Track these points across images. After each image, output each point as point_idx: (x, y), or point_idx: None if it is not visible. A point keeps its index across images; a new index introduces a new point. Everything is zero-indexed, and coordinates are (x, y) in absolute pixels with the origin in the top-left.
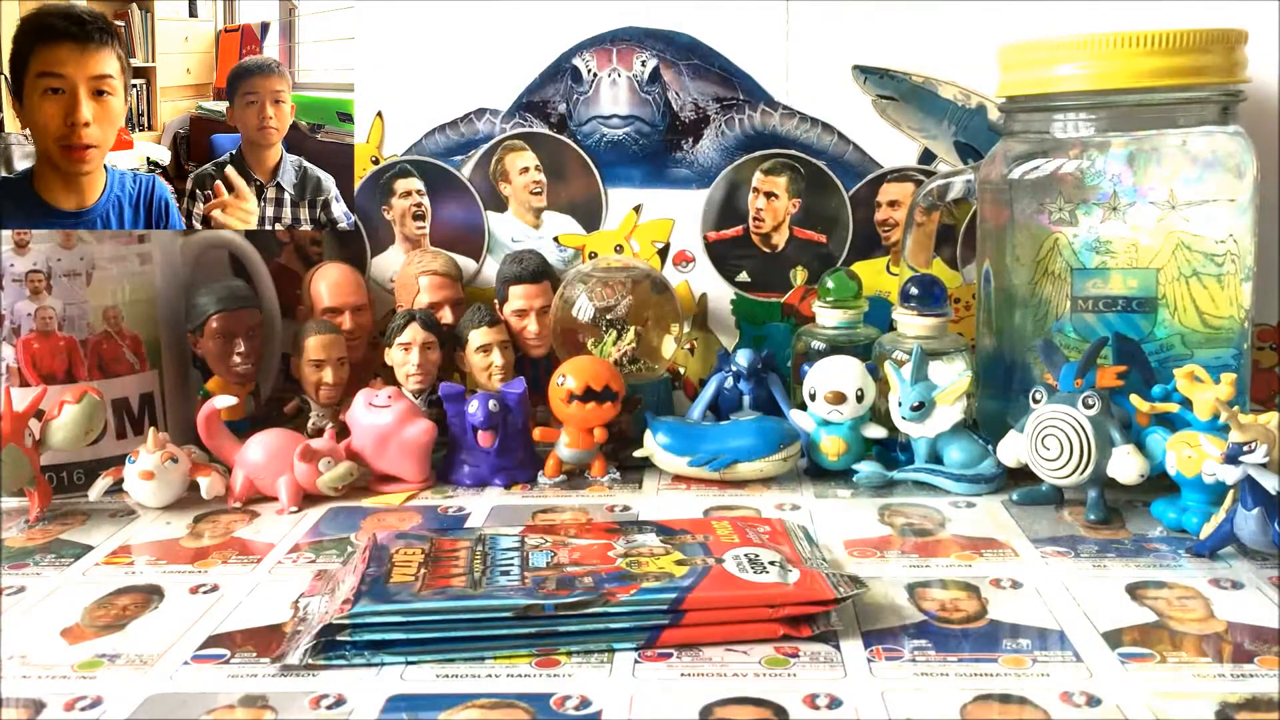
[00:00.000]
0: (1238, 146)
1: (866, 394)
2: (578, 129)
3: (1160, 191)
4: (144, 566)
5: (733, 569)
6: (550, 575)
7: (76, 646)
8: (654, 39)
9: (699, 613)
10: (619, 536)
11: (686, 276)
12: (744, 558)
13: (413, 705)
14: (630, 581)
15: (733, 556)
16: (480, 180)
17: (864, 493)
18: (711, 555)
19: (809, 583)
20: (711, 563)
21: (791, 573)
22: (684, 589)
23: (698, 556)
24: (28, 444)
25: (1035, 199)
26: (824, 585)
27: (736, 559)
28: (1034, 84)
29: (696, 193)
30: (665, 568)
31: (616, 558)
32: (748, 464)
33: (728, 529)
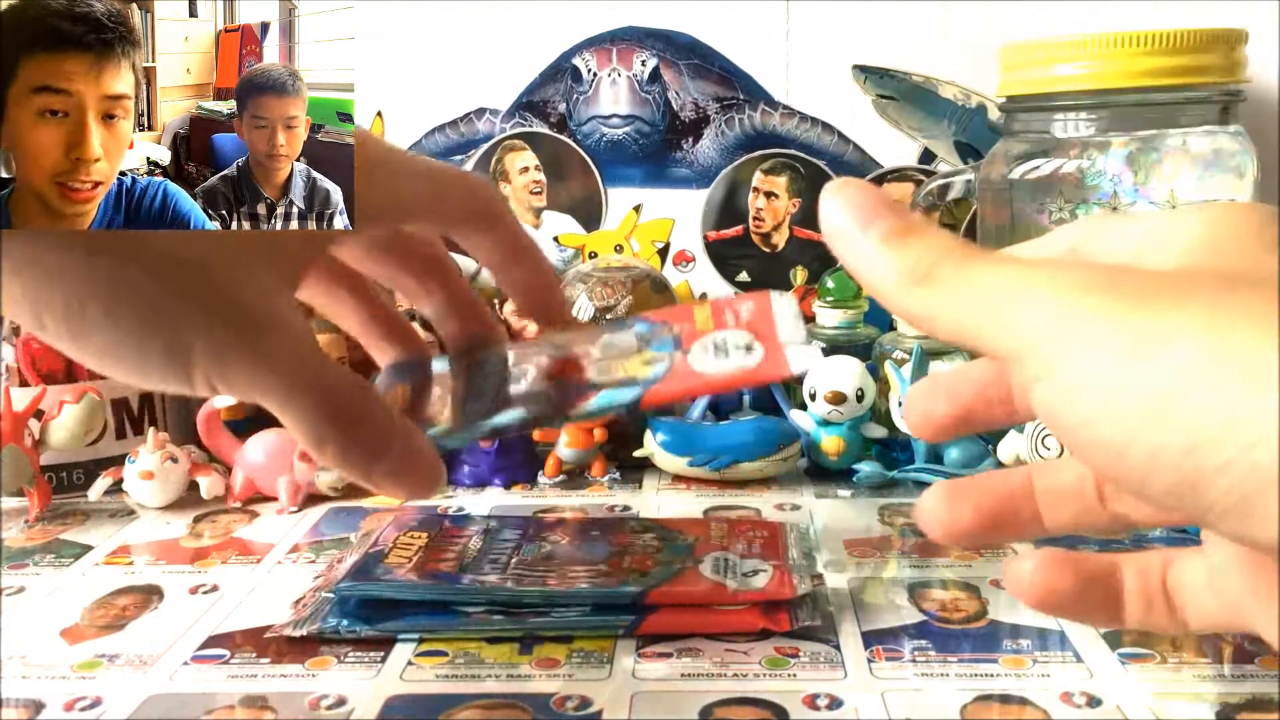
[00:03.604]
0: (1238, 146)
1: (866, 394)
2: (578, 129)
3: (1160, 191)
4: (144, 566)
5: (706, 571)
6: (537, 566)
7: (76, 646)
8: (654, 39)
9: (666, 608)
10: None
11: (686, 276)
12: (722, 560)
13: (413, 705)
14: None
15: (711, 559)
16: None
17: (864, 493)
18: (692, 557)
19: (775, 580)
20: (689, 565)
21: (761, 574)
22: (652, 585)
23: (679, 557)
24: (28, 444)
25: (1035, 199)
26: (788, 584)
27: (715, 560)
28: (1034, 84)
29: (696, 192)
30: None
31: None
32: (748, 464)
33: (723, 531)
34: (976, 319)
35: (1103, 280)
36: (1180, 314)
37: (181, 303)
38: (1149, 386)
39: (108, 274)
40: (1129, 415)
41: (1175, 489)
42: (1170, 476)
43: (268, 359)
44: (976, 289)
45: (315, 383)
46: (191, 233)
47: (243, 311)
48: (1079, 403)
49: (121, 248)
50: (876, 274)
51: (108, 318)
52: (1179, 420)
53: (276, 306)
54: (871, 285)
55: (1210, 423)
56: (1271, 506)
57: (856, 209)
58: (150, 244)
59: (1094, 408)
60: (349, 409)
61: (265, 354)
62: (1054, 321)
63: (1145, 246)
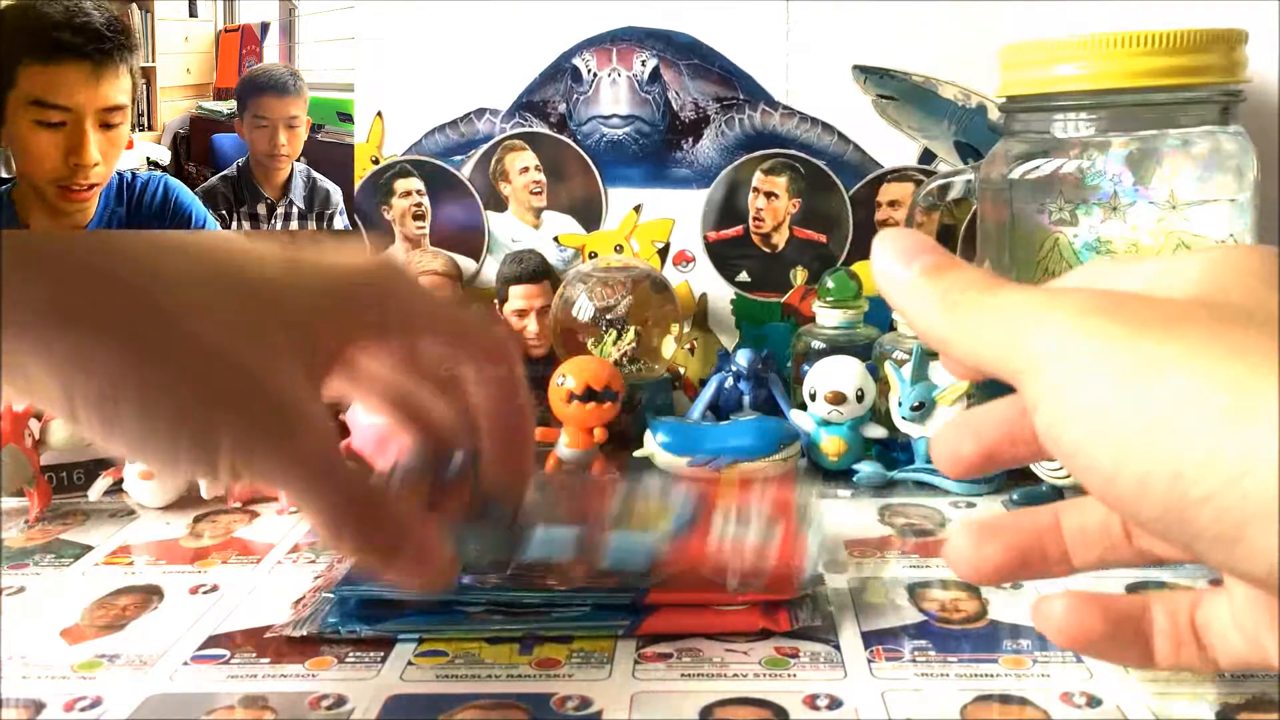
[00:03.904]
0: (1238, 146)
1: (866, 394)
2: (578, 129)
3: (1161, 191)
4: (144, 566)
5: (718, 522)
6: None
7: (76, 646)
8: (654, 39)
9: (667, 608)
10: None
11: (686, 276)
12: (733, 512)
13: (413, 705)
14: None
15: (723, 512)
16: (480, 180)
17: (864, 493)
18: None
19: (779, 573)
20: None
21: (775, 531)
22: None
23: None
24: (28, 444)
25: (1035, 199)
26: (793, 581)
27: (726, 513)
28: (1034, 84)
29: (696, 193)
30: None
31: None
32: (748, 464)
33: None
34: (991, 341)
35: (1105, 304)
36: (1175, 344)
37: (212, 402)
38: (1140, 413)
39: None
40: (1120, 441)
41: (1163, 517)
42: (1158, 504)
43: (293, 456)
44: (992, 313)
45: (336, 481)
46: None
47: (271, 410)
48: (1075, 425)
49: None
50: (919, 305)
51: (140, 414)
52: (1166, 448)
53: (304, 405)
54: (916, 317)
55: (1195, 452)
56: (1256, 539)
57: (901, 250)
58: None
59: (1088, 431)
60: (366, 506)
61: (291, 451)
62: (1056, 343)
63: (1150, 288)
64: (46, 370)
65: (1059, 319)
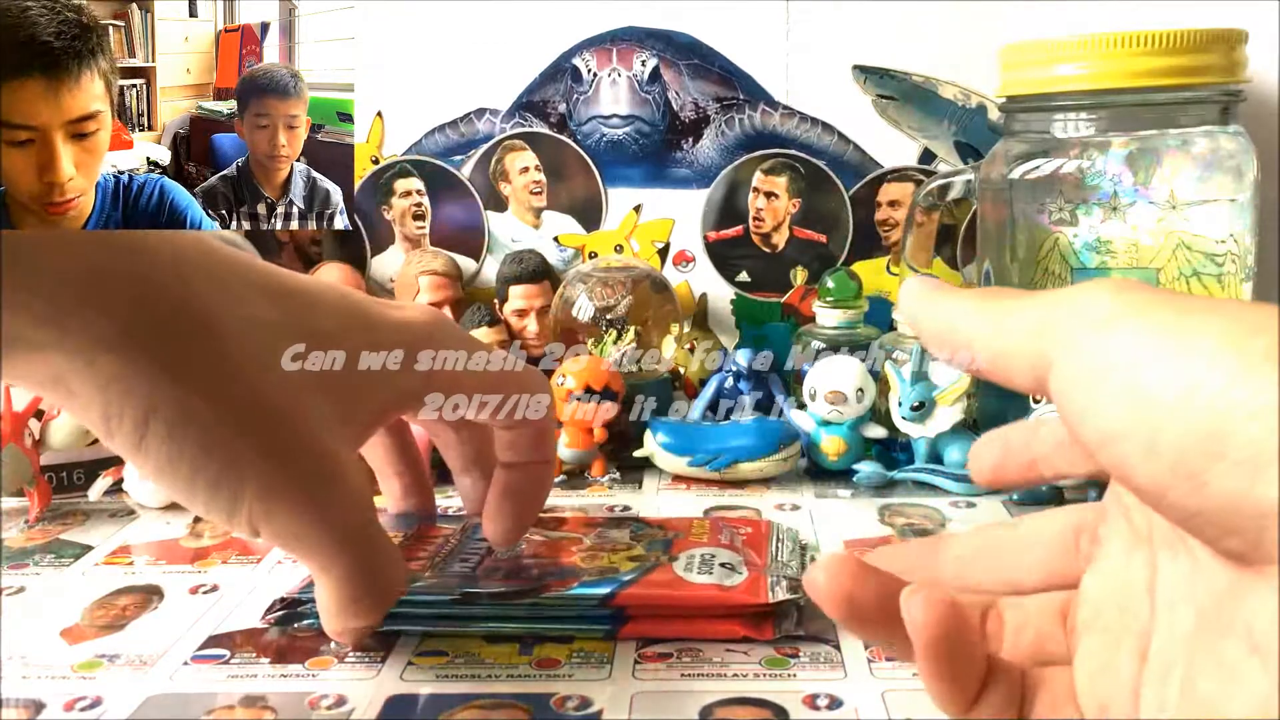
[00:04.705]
0: (1238, 146)
1: (866, 394)
2: (578, 129)
3: (1161, 191)
4: (144, 566)
5: (679, 569)
6: (504, 566)
7: (76, 646)
8: (654, 39)
9: (644, 613)
10: (594, 531)
11: (686, 276)
12: (697, 557)
13: (413, 705)
14: (571, 576)
15: (686, 556)
16: (480, 180)
17: (864, 493)
18: (668, 553)
19: (748, 586)
20: (664, 559)
21: (737, 575)
22: (621, 584)
23: (654, 552)
24: (28, 444)
25: (1035, 199)
26: (762, 589)
27: (689, 558)
28: (1034, 84)
29: (696, 193)
30: (616, 563)
31: (578, 552)
32: (748, 464)
33: (704, 528)
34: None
35: (1134, 282)
36: (1204, 306)
37: (245, 442)
38: (1171, 375)
39: (174, 406)
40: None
41: (1173, 474)
42: (1168, 461)
43: (322, 517)
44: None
45: (363, 544)
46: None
47: (305, 464)
48: (1102, 383)
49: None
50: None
51: (169, 438)
52: (1192, 409)
53: (341, 466)
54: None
55: (1223, 412)
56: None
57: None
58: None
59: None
60: (386, 574)
61: (319, 512)
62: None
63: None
64: (94, 392)
65: (1088, 288)
